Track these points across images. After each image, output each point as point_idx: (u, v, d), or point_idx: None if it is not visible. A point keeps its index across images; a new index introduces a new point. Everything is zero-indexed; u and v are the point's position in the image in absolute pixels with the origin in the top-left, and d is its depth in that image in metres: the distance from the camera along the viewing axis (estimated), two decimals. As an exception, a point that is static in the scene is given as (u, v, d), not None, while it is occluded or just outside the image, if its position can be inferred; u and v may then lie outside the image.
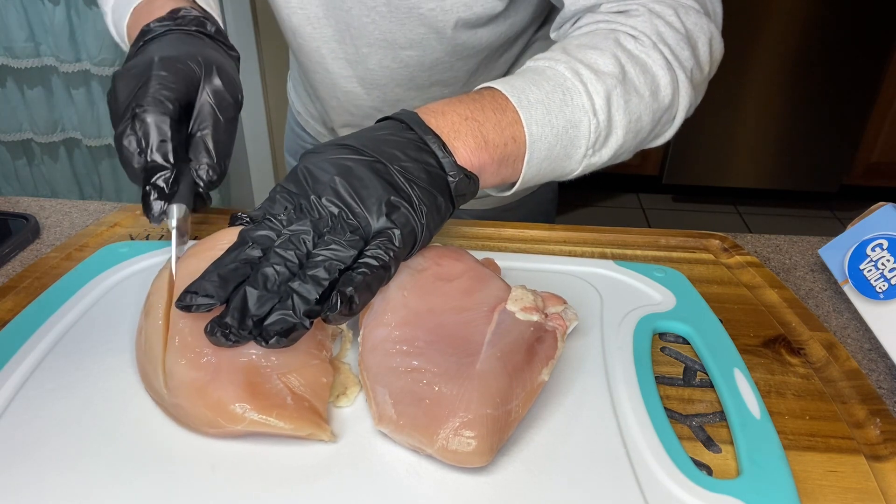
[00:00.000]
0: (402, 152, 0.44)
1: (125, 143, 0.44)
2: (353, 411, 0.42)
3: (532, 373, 0.41)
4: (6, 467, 0.38)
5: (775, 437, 0.41)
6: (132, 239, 0.64)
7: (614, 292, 0.54)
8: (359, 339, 0.45)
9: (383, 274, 0.41)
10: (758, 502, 0.37)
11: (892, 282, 0.51)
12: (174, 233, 0.46)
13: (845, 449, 0.41)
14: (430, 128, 0.45)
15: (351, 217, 0.42)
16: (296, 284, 0.39)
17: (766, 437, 0.41)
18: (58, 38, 1.82)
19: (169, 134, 0.44)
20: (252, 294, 0.39)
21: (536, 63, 0.52)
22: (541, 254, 0.61)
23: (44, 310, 0.50)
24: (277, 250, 0.40)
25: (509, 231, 0.65)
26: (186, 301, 0.39)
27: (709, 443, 0.42)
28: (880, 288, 0.52)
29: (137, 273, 0.56)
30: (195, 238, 0.59)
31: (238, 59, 0.53)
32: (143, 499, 0.36)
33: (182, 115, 0.46)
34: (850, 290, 0.55)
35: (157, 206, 0.45)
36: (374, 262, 0.40)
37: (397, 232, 0.41)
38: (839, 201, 2.62)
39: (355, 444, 0.40)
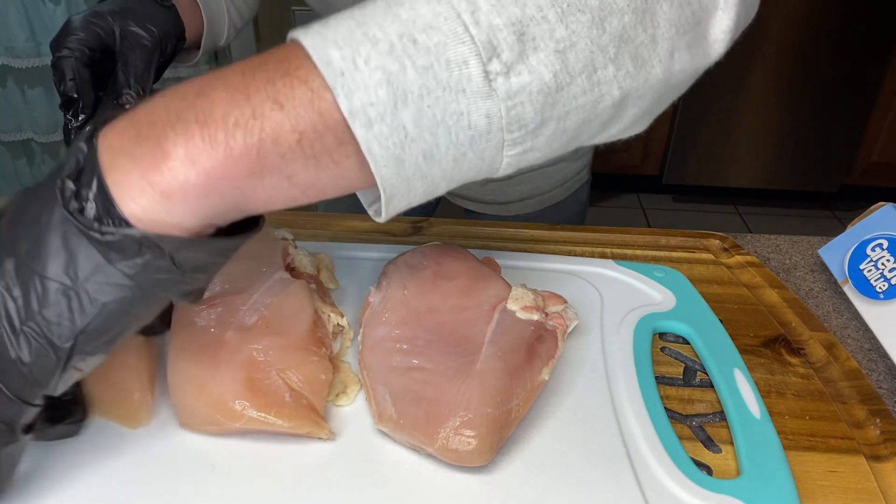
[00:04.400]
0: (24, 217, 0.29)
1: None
2: (353, 410, 0.42)
3: (532, 372, 0.41)
4: (6, 466, 0.38)
5: (775, 437, 0.41)
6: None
7: (614, 292, 0.54)
8: (359, 337, 0.45)
9: None
10: (758, 502, 0.37)
11: (892, 282, 0.51)
12: None
13: (845, 449, 0.41)
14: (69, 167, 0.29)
15: None
16: None
17: (766, 437, 0.41)
18: (58, 37, 1.81)
19: (73, 73, 0.48)
20: None
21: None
22: (541, 253, 0.61)
23: (44, 309, 0.50)
24: None
25: (509, 231, 0.65)
26: None
27: (709, 443, 0.42)
28: (880, 288, 0.52)
29: (137, 272, 0.56)
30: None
31: (171, 6, 0.56)
32: (144, 498, 0.36)
33: (106, 60, 0.51)
34: (850, 290, 0.55)
35: (69, 136, 0.49)
36: None
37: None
38: (839, 201, 2.62)
39: (355, 443, 0.40)
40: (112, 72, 0.52)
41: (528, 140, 0.30)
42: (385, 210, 0.31)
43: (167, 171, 0.28)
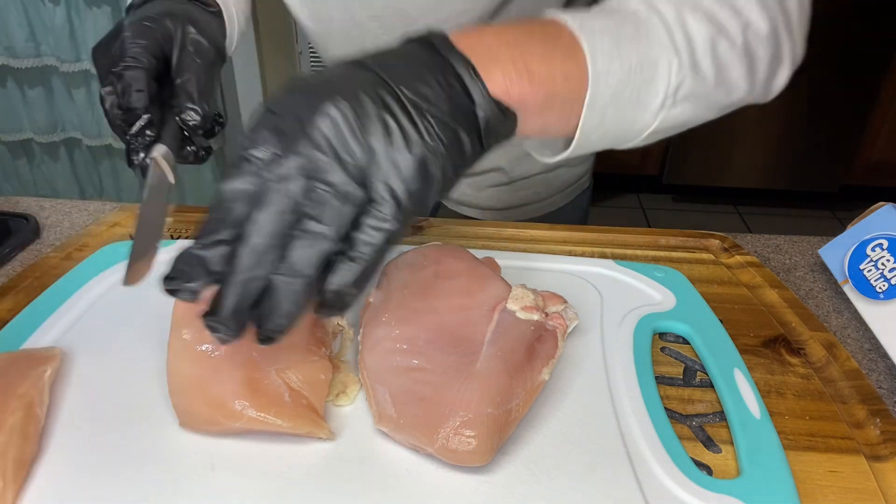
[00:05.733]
0: (418, 75, 0.36)
1: (106, 105, 0.45)
2: (353, 410, 0.42)
3: (532, 372, 0.41)
4: (6, 466, 0.38)
5: (775, 437, 0.41)
6: (132, 239, 0.64)
7: (614, 292, 0.54)
8: (359, 337, 0.45)
9: (379, 258, 0.34)
10: (758, 502, 0.37)
11: (892, 282, 0.51)
12: (150, 167, 0.43)
13: (845, 449, 0.41)
14: (457, 49, 0.37)
15: (338, 176, 0.33)
16: (280, 280, 0.33)
17: (766, 437, 0.41)
18: (58, 38, 1.81)
19: (143, 84, 0.44)
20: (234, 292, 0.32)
21: (600, 5, 0.44)
22: (541, 253, 0.61)
23: (44, 310, 0.50)
24: (254, 239, 0.33)
25: (510, 230, 0.65)
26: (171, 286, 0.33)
27: (709, 443, 0.42)
28: (880, 288, 0.52)
29: (137, 272, 0.56)
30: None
31: (218, 13, 0.52)
32: (144, 498, 0.36)
33: (163, 70, 0.47)
34: (850, 290, 0.55)
35: (136, 157, 0.44)
36: (364, 253, 0.33)
37: (401, 188, 0.33)
38: (839, 201, 2.62)
39: (355, 443, 0.40)
40: (167, 83, 0.47)
41: (674, 114, 0.42)
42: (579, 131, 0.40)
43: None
